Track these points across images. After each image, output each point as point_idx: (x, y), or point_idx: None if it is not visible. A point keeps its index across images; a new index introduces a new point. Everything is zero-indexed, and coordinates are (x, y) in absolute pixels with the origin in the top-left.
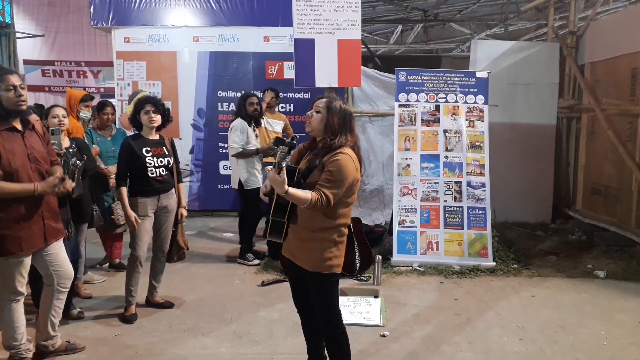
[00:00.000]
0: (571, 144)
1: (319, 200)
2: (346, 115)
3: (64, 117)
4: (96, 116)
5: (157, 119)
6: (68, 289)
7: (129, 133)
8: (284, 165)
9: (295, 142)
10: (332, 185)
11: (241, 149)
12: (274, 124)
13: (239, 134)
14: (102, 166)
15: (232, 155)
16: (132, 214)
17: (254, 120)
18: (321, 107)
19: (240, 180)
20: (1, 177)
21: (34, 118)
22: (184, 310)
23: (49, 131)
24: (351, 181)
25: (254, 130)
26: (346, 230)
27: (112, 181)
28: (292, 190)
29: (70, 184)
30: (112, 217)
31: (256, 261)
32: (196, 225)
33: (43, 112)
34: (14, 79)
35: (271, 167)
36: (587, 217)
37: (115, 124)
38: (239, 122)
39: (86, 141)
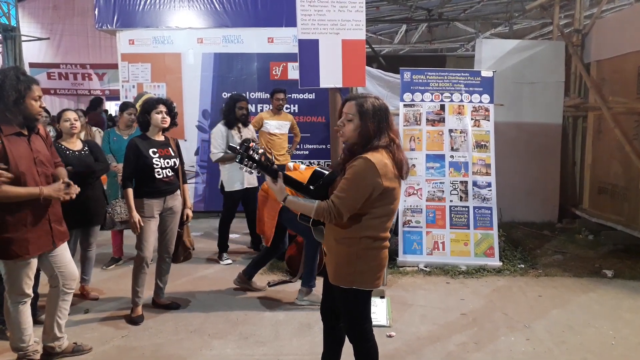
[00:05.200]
0: (577, 143)
1: (326, 210)
2: (381, 115)
3: (76, 120)
4: (119, 116)
5: (168, 120)
6: (73, 290)
7: None
8: (253, 172)
9: (245, 152)
10: (345, 195)
11: (222, 154)
12: (282, 126)
13: (219, 140)
14: (114, 164)
15: (215, 161)
16: (137, 217)
17: (240, 122)
18: (352, 114)
19: (222, 181)
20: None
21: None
22: (190, 311)
23: None
24: (369, 189)
25: (239, 132)
26: (377, 244)
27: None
28: (291, 198)
29: (75, 190)
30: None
31: (228, 261)
32: (202, 226)
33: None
34: (38, 90)
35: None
36: (593, 216)
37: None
38: (218, 130)
39: (100, 141)
